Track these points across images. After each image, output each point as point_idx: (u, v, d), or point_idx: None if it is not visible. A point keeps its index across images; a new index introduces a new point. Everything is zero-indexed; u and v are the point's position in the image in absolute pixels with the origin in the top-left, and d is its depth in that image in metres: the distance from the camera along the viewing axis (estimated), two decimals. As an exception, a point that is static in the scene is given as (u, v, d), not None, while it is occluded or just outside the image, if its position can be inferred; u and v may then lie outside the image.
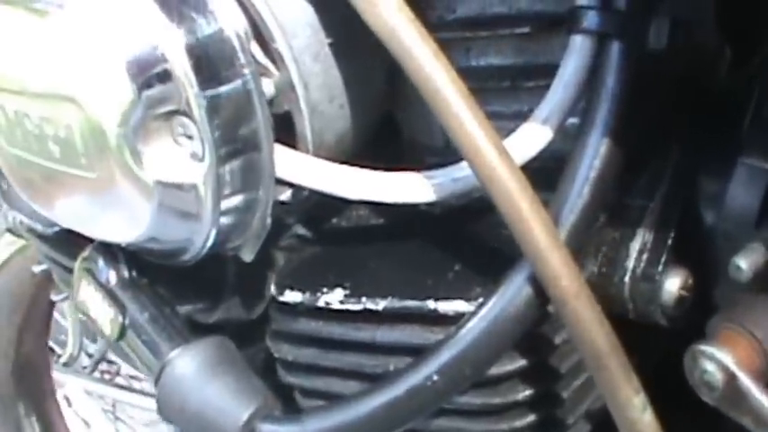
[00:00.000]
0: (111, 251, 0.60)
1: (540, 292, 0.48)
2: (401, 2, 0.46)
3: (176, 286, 0.62)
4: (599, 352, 0.47)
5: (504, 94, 0.55)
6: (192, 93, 0.48)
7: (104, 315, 0.59)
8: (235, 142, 0.49)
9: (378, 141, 0.61)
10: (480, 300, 0.51)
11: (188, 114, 0.48)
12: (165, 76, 0.48)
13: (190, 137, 0.49)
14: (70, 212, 0.59)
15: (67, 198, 0.58)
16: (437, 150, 0.59)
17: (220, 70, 0.48)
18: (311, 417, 0.51)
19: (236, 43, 0.49)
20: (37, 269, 0.91)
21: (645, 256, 0.54)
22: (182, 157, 0.50)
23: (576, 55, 0.49)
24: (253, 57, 0.49)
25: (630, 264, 0.54)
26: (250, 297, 0.66)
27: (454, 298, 0.52)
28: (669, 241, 0.53)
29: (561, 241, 0.47)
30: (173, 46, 0.48)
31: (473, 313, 0.49)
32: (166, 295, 0.61)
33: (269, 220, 0.53)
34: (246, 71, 0.49)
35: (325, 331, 0.57)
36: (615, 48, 0.48)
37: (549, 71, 0.53)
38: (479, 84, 0.54)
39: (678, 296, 0.53)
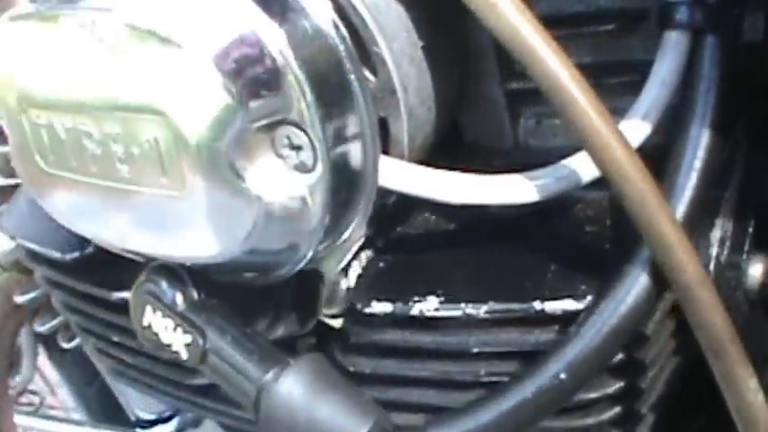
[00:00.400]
0: (174, 272, 0.57)
1: (658, 282, 0.49)
2: (518, 1, 0.46)
3: (240, 305, 0.59)
4: (720, 338, 0.48)
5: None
6: (306, 101, 0.46)
7: (179, 340, 0.55)
8: (344, 150, 0.48)
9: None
10: (588, 296, 0.52)
11: (298, 124, 0.47)
12: (275, 84, 0.46)
13: (297, 147, 0.47)
14: (134, 233, 0.55)
15: (133, 219, 0.55)
16: (505, 152, 0.59)
17: (328, 76, 0.47)
18: (434, 427, 0.50)
19: (341, 47, 0.47)
20: (20, 299, 0.85)
21: (727, 244, 0.55)
22: (284, 169, 0.48)
23: (671, 51, 0.50)
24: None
25: (714, 252, 0.55)
26: (304, 312, 0.64)
27: (562, 297, 0.52)
28: (749, 229, 0.55)
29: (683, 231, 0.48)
30: (281, 51, 0.46)
31: (593, 308, 0.49)
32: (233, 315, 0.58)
33: (364, 230, 0.52)
34: (353, 76, 0.47)
35: (414, 340, 0.56)
36: (712, 42, 0.50)
37: (630, 68, 0.54)
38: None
39: (762, 282, 0.55)
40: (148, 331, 0.57)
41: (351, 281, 0.65)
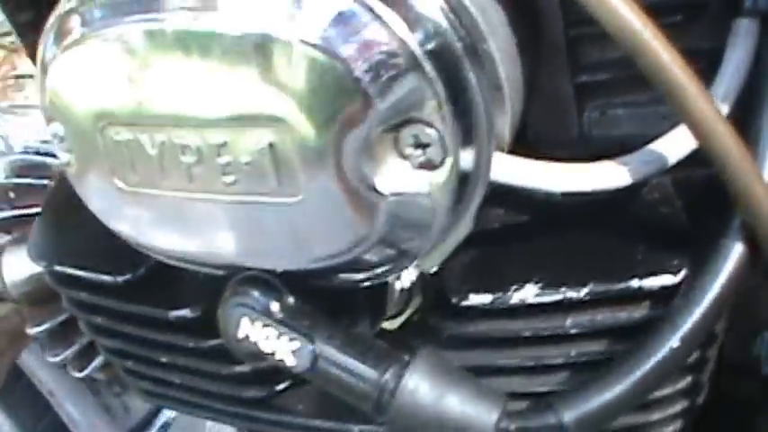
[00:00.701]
0: (266, 282, 0.57)
1: (753, 252, 0.52)
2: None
3: (323, 309, 0.59)
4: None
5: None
6: (439, 99, 0.47)
7: (284, 348, 0.55)
8: (467, 146, 0.49)
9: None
10: (682, 271, 0.55)
11: (428, 122, 0.48)
12: (407, 84, 0.47)
13: (424, 145, 0.48)
14: (232, 245, 0.55)
15: (234, 230, 0.54)
16: (569, 143, 0.62)
17: (452, 74, 0.48)
18: (561, 403, 0.52)
19: (459, 45, 0.48)
20: (33, 331, 0.82)
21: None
22: (408, 167, 0.49)
23: (742, 37, 0.54)
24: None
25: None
26: (374, 313, 0.65)
27: (658, 273, 0.55)
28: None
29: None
30: (412, 49, 0.46)
31: (697, 280, 0.53)
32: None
33: (470, 226, 0.54)
34: (471, 73, 0.49)
35: (510, 328, 0.58)
36: (781, 26, 0.54)
37: (694, 57, 0.57)
38: (627, 72, 0.58)
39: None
40: (245, 343, 0.57)
41: (405, 282, 0.67)
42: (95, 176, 0.57)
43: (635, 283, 0.55)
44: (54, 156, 0.85)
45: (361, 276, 0.55)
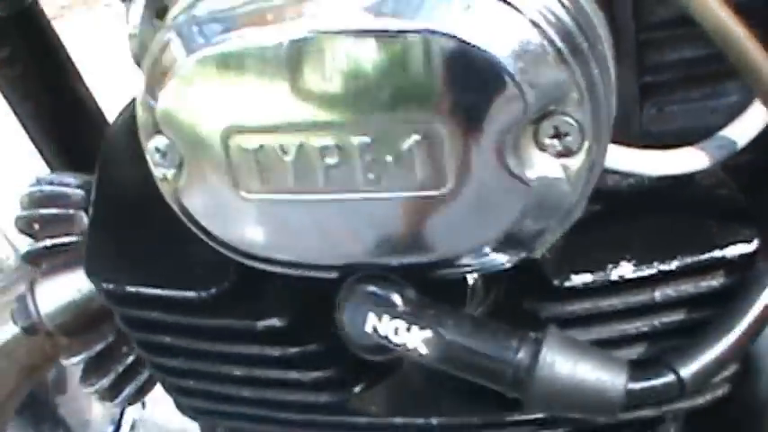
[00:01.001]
0: (382, 277, 0.60)
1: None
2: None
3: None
4: None
5: (707, 80, 0.66)
6: (580, 91, 0.52)
7: (416, 338, 0.58)
8: (597, 135, 0.54)
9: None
10: (755, 239, 0.62)
11: (568, 113, 0.53)
12: (554, 77, 0.51)
13: (563, 134, 0.53)
14: (365, 243, 0.58)
15: (368, 227, 0.57)
16: (633, 138, 0.68)
17: (585, 67, 0.53)
18: (677, 362, 0.58)
19: (585, 45, 0.54)
20: (68, 362, 0.79)
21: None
22: (546, 156, 0.54)
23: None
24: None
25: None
26: (457, 303, 0.69)
27: (735, 243, 0.62)
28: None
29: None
30: (556, 44, 0.51)
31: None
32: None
33: (580, 213, 0.59)
34: (597, 71, 0.54)
35: (604, 305, 0.63)
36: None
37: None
38: (684, 72, 0.66)
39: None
40: (373, 337, 0.59)
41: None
42: (212, 187, 0.58)
43: (717, 253, 0.62)
44: (71, 185, 0.83)
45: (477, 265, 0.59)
